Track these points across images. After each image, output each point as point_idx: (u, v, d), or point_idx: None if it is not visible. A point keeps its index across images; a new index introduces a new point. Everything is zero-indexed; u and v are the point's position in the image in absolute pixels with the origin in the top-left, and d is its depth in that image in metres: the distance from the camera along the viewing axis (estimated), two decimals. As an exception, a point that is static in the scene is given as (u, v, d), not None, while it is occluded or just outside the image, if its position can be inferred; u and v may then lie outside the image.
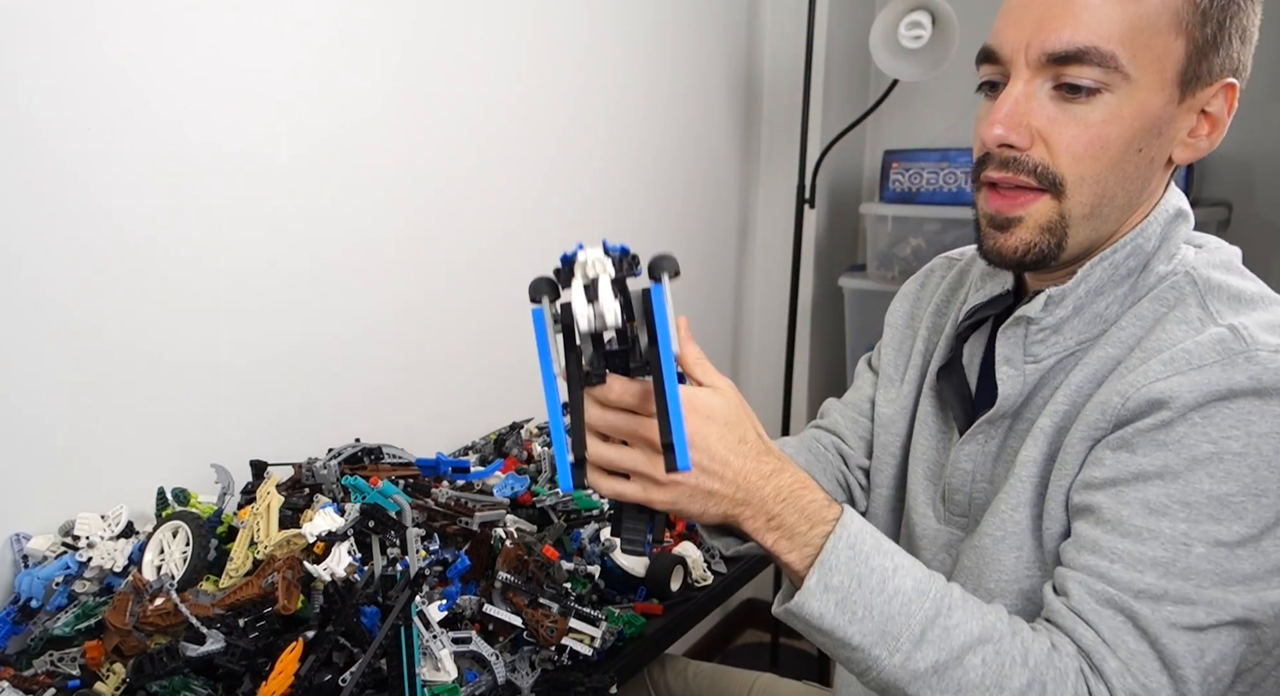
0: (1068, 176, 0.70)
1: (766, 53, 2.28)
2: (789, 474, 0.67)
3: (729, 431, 0.64)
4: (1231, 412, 0.64)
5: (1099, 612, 0.65)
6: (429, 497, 1.11)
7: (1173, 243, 0.75)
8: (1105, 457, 0.69)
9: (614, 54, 1.78)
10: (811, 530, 0.66)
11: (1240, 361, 0.65)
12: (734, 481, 0.64)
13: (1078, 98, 0.68)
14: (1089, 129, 0.68)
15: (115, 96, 1.02)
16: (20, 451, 1.00)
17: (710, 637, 2.43)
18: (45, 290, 1.00)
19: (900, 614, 0.64)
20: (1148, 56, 0.67)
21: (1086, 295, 0.74)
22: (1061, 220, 0.71)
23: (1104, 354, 0.74)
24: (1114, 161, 0.69)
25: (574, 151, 1.72)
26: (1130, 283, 0.75)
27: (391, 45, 1.33)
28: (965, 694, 0.63)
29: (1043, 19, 0.68)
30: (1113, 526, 0.67)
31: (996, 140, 0.70)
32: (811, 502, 0.66)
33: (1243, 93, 0.75)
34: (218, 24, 1.11)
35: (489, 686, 0.89)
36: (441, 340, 1.50)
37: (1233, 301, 0.71)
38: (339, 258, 1.31)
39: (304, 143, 1.24)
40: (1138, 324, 0.73)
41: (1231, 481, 0.64)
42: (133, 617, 0.85)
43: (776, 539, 0.66)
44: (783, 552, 0.66)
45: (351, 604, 0.86)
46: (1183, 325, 0.70)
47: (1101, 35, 0.66)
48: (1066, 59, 0.67)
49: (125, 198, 1.05)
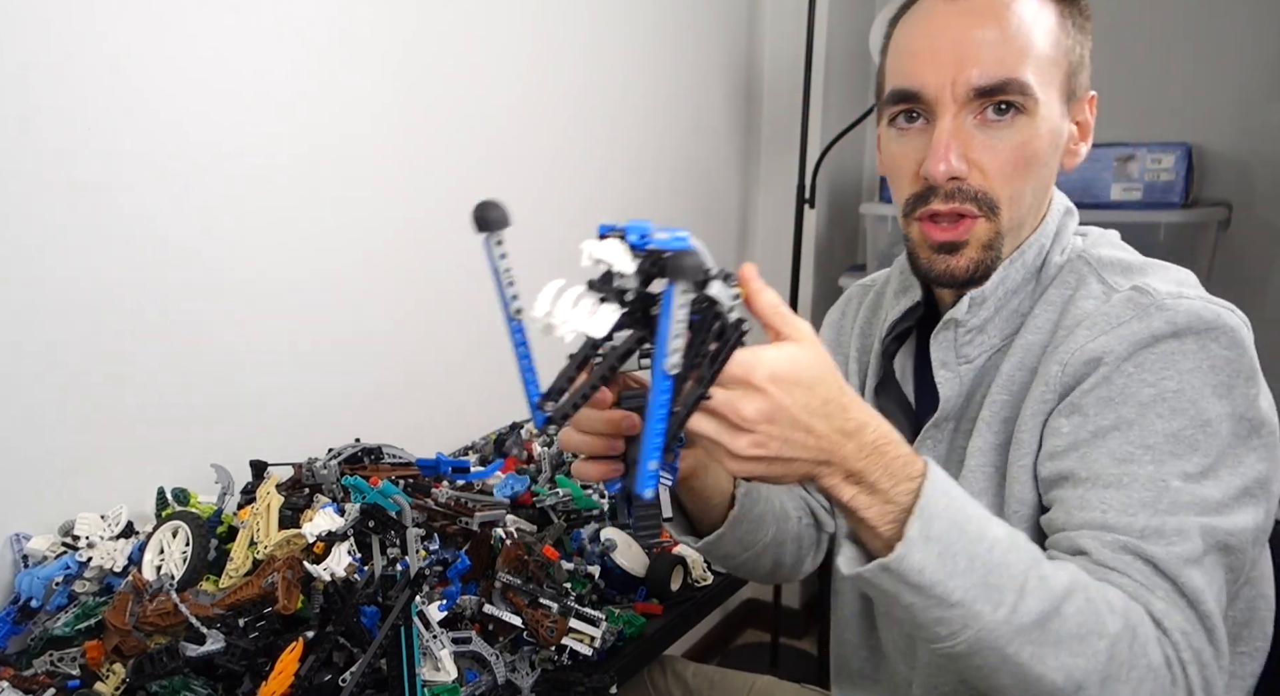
0: (1001, 197, 0.77)
1: (766, 53, 2.28)
2: (872, 428, 0.62)
3: (812, 394, 0.59)
4: (1159, 356, 0.71)
5: (1122, 560, 0.67)
6: (429, 497, 1.11)
7: (1065, 236, 0.84)
8: (1061, 426, 0.74)
9: (614, 54, 1.78)
10: (895, 486, 0.62)
11: (1153, 311, 0.72)
12: (816, 446, 0.60)
13: (1001, 121, 0.75)
14: (1015, 150, 0.76)
15: (115, 96, 1.02)
16: (20, 451, 1.00)
17: (710, 638, 2.42)
18: (45, 291, 1.00)
19: (1001, 563, 0.61)
20: (1047, 79, 0.76)
21: (1005, 295, 0.82)
22: (998, 236, 0.79)
23: (1026, 342, 0.81)
24: (1033, 176, 0.78)
25: (574, 152, 1.72)
26: (1035, 276, 0.83)
27: (392, 46, 1.33)
28: (1064, 645, 0.61)
29: (963, 58, 0.75)
30: (1090, 483, 0.71)
31: (947, 174, 0.76)
32: (896, 458, 0.63)
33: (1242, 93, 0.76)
34: (218, 24, 1.11)
35: (489, 686, 0.89)
36: (442, 340, 1.50)
37: (1124, 270, 0.79)
38: (339, 257, 1.31)
39: (306, 143, 1.24)
40: (1049, 309, 0.81)
41: (1178, 416, 0.70)
42: (133, 617, 0.85)
43: (855, 493, 0.62)
44: (861, 508, 0.62)
45: (351, 604, 0.86)
46: (1090, 299, 0.78)
47: (1017, 67, 0.74)
48: (991, 91, 0.74)
49: (125, 199, 1.05)
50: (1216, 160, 2.00)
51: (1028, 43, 0.75)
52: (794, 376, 0.59)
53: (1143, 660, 0.62)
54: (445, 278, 1.48)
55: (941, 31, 0.76)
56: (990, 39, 0.74)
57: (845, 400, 0.61)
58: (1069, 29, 0.78)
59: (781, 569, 0.98)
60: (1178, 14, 2.00)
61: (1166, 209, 1.77)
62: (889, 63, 0.83)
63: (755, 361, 0.57)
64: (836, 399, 0.61)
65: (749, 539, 0.89)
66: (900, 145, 0.80)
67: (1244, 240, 2.00)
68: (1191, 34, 1.99)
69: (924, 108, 0.77)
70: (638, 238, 0.54)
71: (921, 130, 0.78)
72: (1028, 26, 0.75)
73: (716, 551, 0.87)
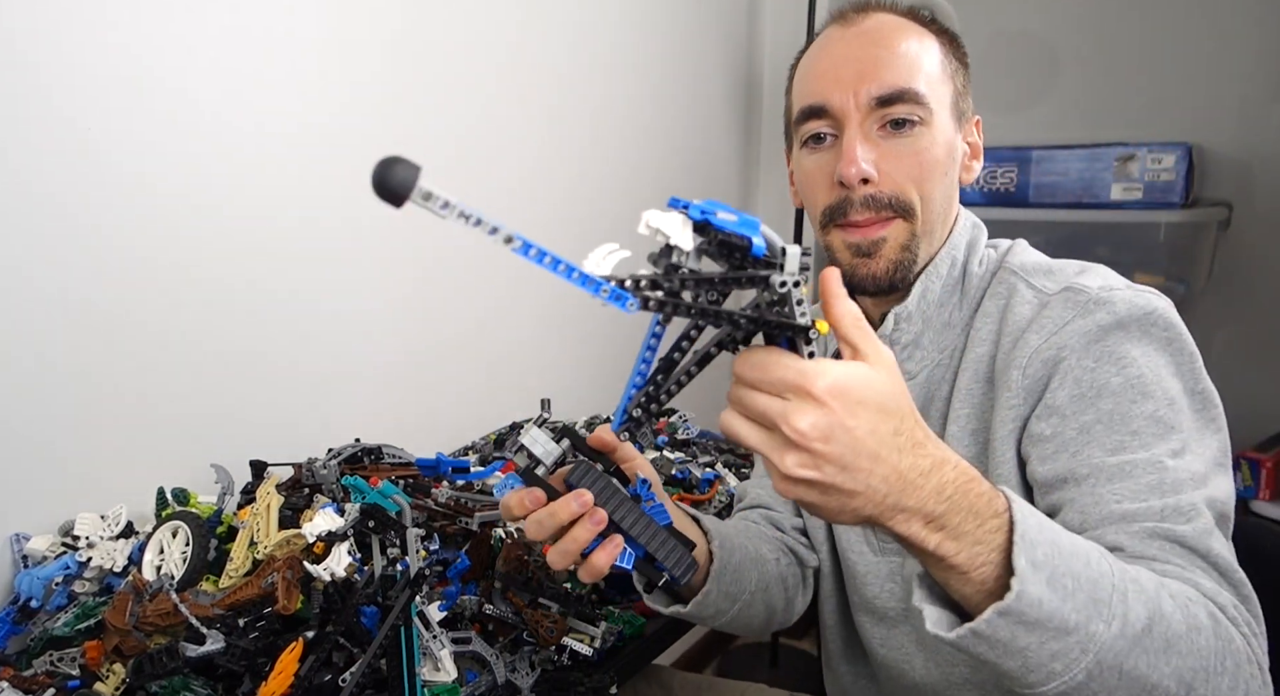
0: (914, 198, 0.83)
1: (766, 53, 2.28)
2: (951, 465, 0.57)
3: (883, 420, 0.53)
4: (1112, 346, 0.75)
5: (1157, 546, 0.67)
6: (429, 497, 1.11)
7: (978, 247, 0.89)
8: (1043, 430, 0.76)
9: (614, 54, 1.78)
10: (981, 526, 0.57)
11: (1092, 307, 0.76)
12: (885, 480, 0.54)
13: (902, 131, 0.82)
14: (918, 155, 0.82)
15: (111, 99, 1.02)
16: (20, 451, 1.00)
17: (709, 638, 2.42)
18: (45, 291, 1.00)
19: (1098, 575, 0.58)
20: (937, 95, 0.83)
21: (930, 308, 0.87)
22: (914, 238, 0.84)
23: (976, 355, 0.84)
24: (938, 182, 0.83)
25: (574, 151, 1.72)
26: (959, 288, 0.87)
27: (391, 46, 1.33)
28: (1174, 646, 0.58)
29: (862, 72, 0.82)
30: (1093, 478, 0.72)
31: (859, 176, 0.81)
32: (979, 497, 0.57)
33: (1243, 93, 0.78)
34: (215, 22, 1.11)
35: (489, 686, 0.88)
36: (442, 340, 1.50)
37: (1046, 273, 0.83)
38: (339, 258, 1.31)
39: (305, 144, 1.24)
40: (988, 321, 0.85)
41: (1150, 400, 0.73)
42: (132, 617, 0.85)
43: (940, 540, 0.56)
44: (949, 555, 0.57)
45: (351, 604, 0.86)
46: (1024, 305, 0.81)
47: (911, 78, 0.82)
48: (890, 100, 0.81)
49: (123, 200, 1.05)
50: (1216, 160, 2.00)
51: (917, 61, 0.82)
52: (861, 395, 0.52)
53: (1230, 645, 0.60)
54: (446, 278, 1.48)
55: (842, 52, 0.84)
56: (884, 57, 0.82)
57: (920, 434, 0.56)
58: (950, 56, 0.86)
59: (775, 614, 0.97)
60: (1178, 14, 2.00)
61: (1166, 209, 1.77)
62: (795, 90, 0.89)
63: (817, 370, 0.51)
64: (910, 432, 0.55)
65: (734, 590, 0.88)
66: (813, 161, 0.86)
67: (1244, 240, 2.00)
68: (1191, 34, 1.99)
69: (831, 123, 0.84)
70: (699, 213, 0.51)
71: (831, 146, 0.84)
72: (915, 49, 0.83)
73: (705, 612, 0.86)
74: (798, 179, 0.91)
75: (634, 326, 1.90)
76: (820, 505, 0.55)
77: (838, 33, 0.86)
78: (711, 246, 0.51)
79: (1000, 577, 0.57)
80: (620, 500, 0.68)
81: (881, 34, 0.84)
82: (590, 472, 0.69)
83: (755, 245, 0.51)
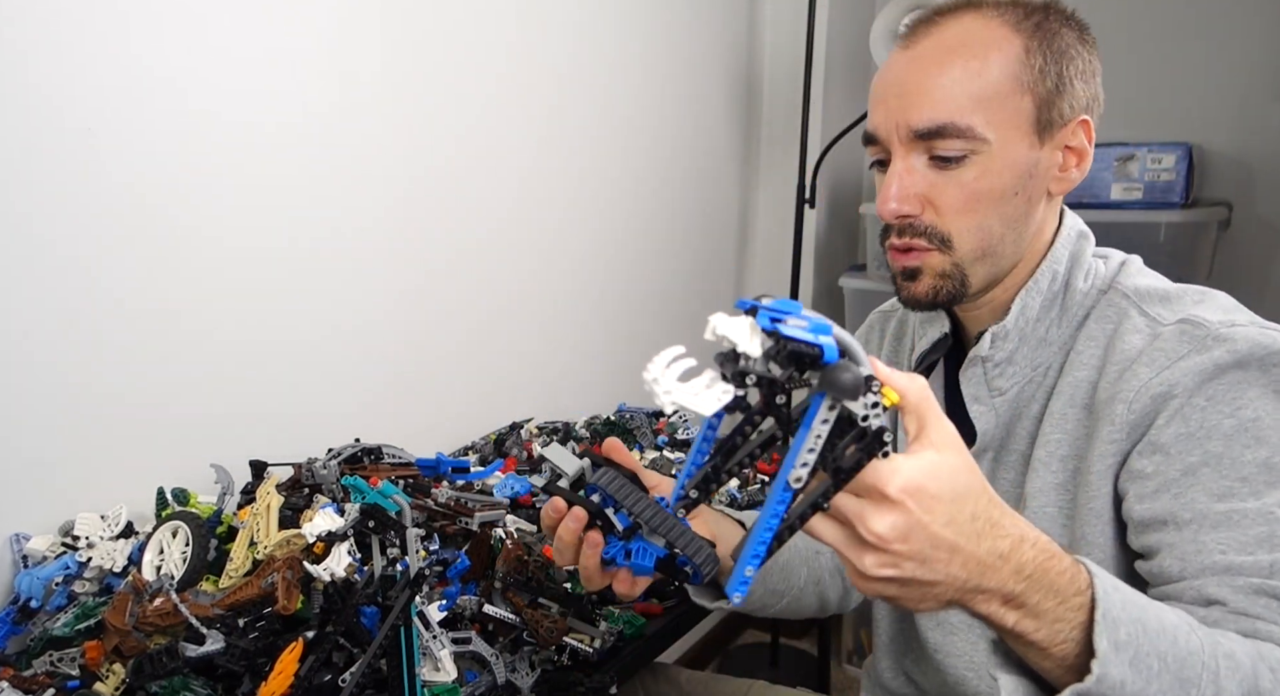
0: (952, 231, 0.79)
1: (766, 53, 2.28)
2: (1030, 542, 0.56)
3: (958, 508, 0.53)
4: (1227, 386, 0.71)
5: (1261, 604, 0.65)
6: (429, 497, 1.11)
7: (1083, 260, 0.83)
8: (1145, 467, 0.73)
9: (614, 53, 1.78)
10: (1062, 604, 0.56)
11: (1210, 342, 0.72)
12: (964, 567, 0.53)
13: (950, 166, 0.77)
14: (964, 188, 0.77)
15: (114, 96, 1.02)
16: (20, 451, 1.00)
17: (710, 638, 2.42)
18: (44, 290, 1.00)
19: (1186, 653, 0.57)
20: (1000, 118, 0.76)
21: (1026, 325, 0.83)
22: (956, 267, 0.81)
23: (1074, 379, 0.80)
24: (993, 210, 0.78)
25: (574, 151, 1.72)
26: (1058, 303, 0.83)
27: (391, 46, 1.33)
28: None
29: (903, 101, 0.77)
30: (1196, 524, 0.69)
31: (892, 214, 0.79)
32: (1061, 574, 0.56)
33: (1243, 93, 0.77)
34: (219, 24, 1.11)
35: (489, 686, 0.88)
36: (442, 340, 1.50)
37: (1163, 300, 0.79)
38: (339, 257, 1.31)
39: (307, 143, 1.24)
40: (1092, 344, 0.80)
41: (1263, 445, 0.69)
42: (132, 618, 0.85)
43: (1019, 618, 0.56)
44: (1028, 632, 0.56)
45: (351, 604, 0.86)
46: (1135, 334, 0.77)
47: (955, 111, 0.75)
48: (930, 135, 0.76)
49: (125, 200, 1.05)
50: (1216, 160, 2.00)
51: (974, 85, 0.75)
52: (935, 490, 0.52)
53: None
54: (446, 277, 1.48)
55: (892, 77, 0.79)
56: (931, 85, 0.76)
57: (995, 513, 0.55)
58: (1035, 61, 0.76)
59: (828, 605, 0.97)
60: (1178, 14, 2.00)
61: (1167, 209, 1.77)
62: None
63: (891, 470, 0.51)
64: (986, 513, 0.54)
65: (781, 587, 0.87)
66: (878, 184, 0.84)
67: (1244, 240, 2.00)
68: (1191, 34, 1.99)
69: (882, 151, 0.81)
70: (768, 321, 0.50)
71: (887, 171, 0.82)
72: (975, 67, 0.75)
73: (750, 606, 0.86)
74: None
75: (635, 327, 1.90)
76: (900, 597, 0.55)
77: (896, 54, 0.80)
78: (781, 355, 0.50)
79: (1082, 653, 0.55)
80: (639, 497, 0.65)
81: (935, 56, 0.77)
82: (609, 473, 0.67)
83: (827, 353, 0.50)
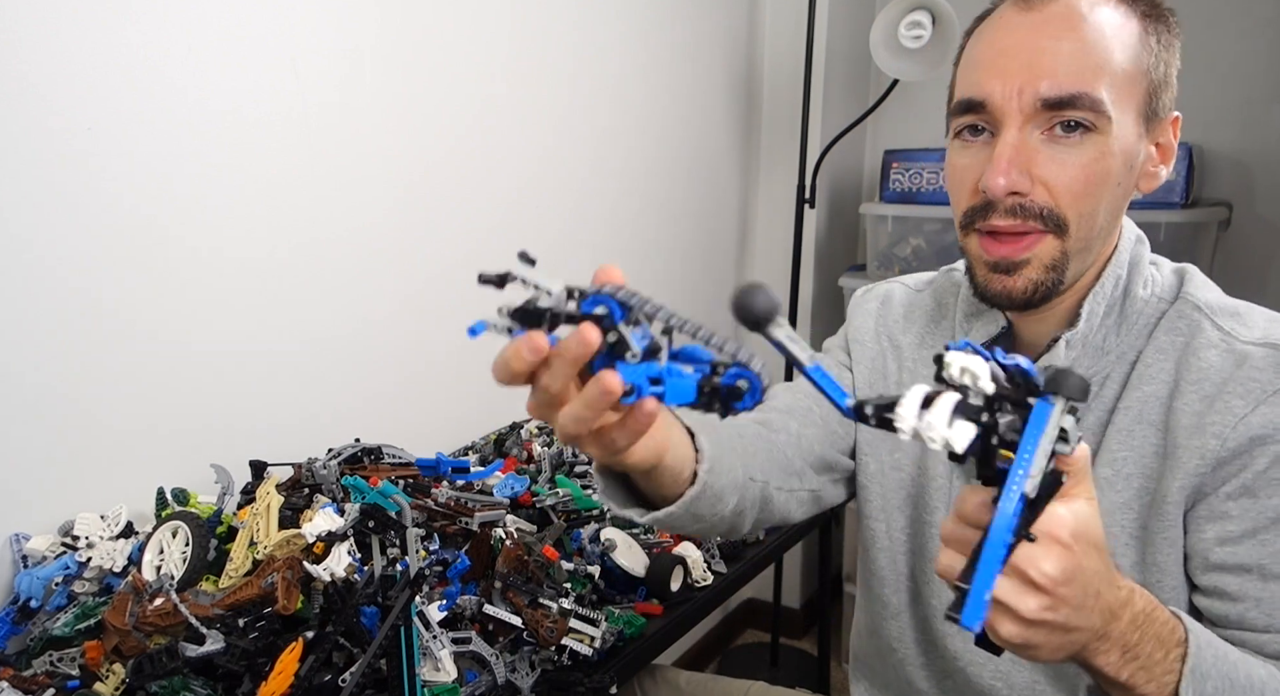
0: (1069, 215, 0.72)
1: (766, 53, 2.28)
2: (1139, 594, 0.58)
3: (1100, 557, 0.54)
4: None
5: None
6: (429, 497, 1.11)
7: (1142, 266, 0.80)
8: (1230, 509, 0.71)
9: (614, 53, 1.78)
10: (1167, 656, 0.58)
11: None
12: (1100, 614, 0.55)
13: (1070, 138, 0.71)
14: (1084, 168, 0.71)
15: (116, 94, 1.02)
16: (20, 451, 1.00)
17: (710, 638, 2.42)
18: (45, 290, 1.00)
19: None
20: (1123, 97, 0.71)
21: (1091, 332, 0.78)
22: (1064, 257, 0.74)
23: (1143, 394, 0.76)
24: (1103, 197, 0.73)
25: (574, 150, 1.72)
26: (1117, 310, 0.78)
27: (390, 47, 1.33)
28: None
29: (1033, 69, 0.70)
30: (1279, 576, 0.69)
31: (1005, 189, 0.71)
32: (1164, 625, 0.58)
33: (1243, 93, 0.76)
34: (221, 26, 1.11)
35: (489, 686, 0.89)
36: (442, 340, 1.50)
37: (1234, 316, 0.76)
38: (339, 257, 1.31)
39: (307, 143, 1.24)
40: (1163, 358, 0.76)
41: None
42: (132, 618, 0.85)
43: (1133, 672, 0.58)
44: (1139, 685, 0.58)
45: (351, 604, 0.86)
46: (1211, 350, 0.74)
47: (1088, 81, 0.70)
48: (1060, 104, 0.70)
49: (124, 199, 1.05)
50: (1216, 160, 2.00)
51: (1105, 57, 0.70)
52: (1090, 536, 0.53)
53: None
54: (446, 277, 1.48)
55: (1014, 40, 0.72)
56: (1064, 50, 0.70)
57: (1113, 563, 0.57)
58: (1152, 45, 0.73)
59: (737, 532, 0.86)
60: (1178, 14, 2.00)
61: (1166, 209, 1.77)
62: (959, 73, 0.78)
63: (1063, 513, 0.52)
64: (1109, 565, 0.55)
65: (706, 512, 0.76)
66: (963, 157, 0.76)
67: (1244, 240, 2.00)
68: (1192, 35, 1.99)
69: (989, 119, 0.73)
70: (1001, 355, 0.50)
71: (986, 143, 0.74)
72: (1106, 39, 0.70)
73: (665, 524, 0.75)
74: (945, 171, 0.81)
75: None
76: (1041, 645, 0.54)
77: (1015, 17, 0.73)
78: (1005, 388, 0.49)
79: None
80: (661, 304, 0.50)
81: (1068, 22, 0.71)
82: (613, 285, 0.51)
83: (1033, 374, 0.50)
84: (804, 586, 2.52)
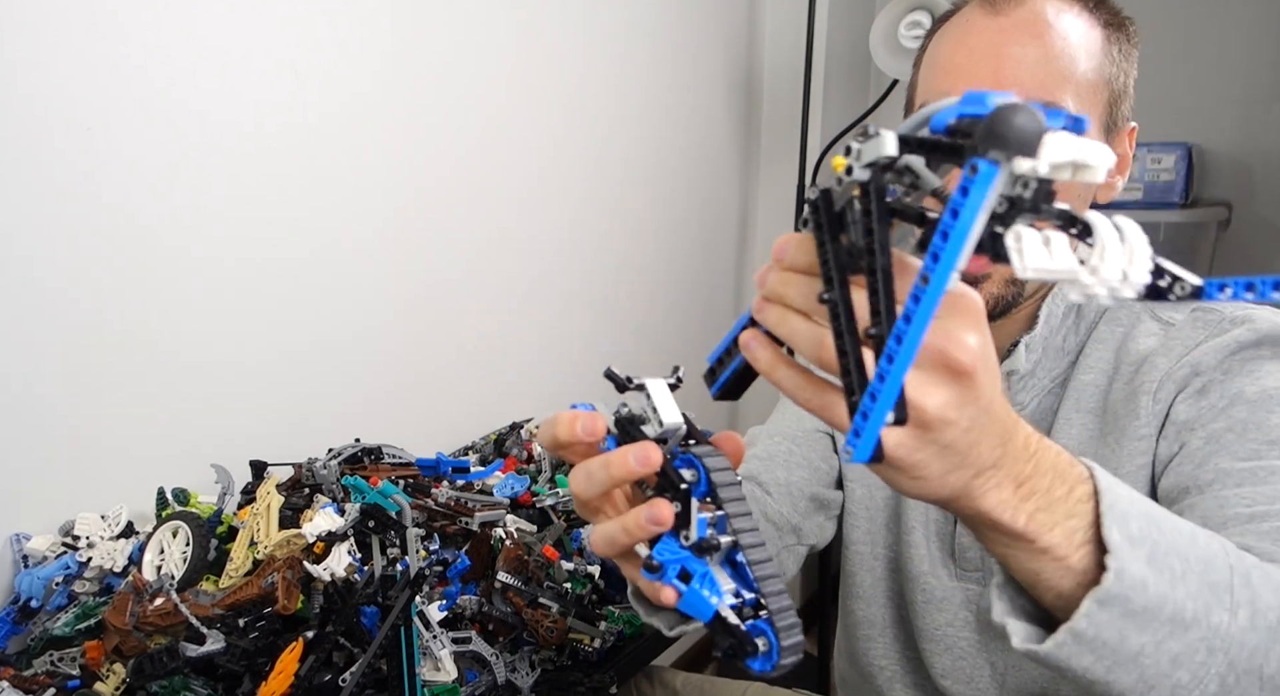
0: None
1: (766, 53, 2.28)
2: (1024, 422, 0.47)
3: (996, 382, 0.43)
4: (1248, 360, 0.70)
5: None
6: (429, 497, 1.11)
7: None
8: (1170, 450, 0.71)
9: (614, 53, 1.78)
10: (1071, 493, 0.46)
11: (1227, 324, 0.71)
12: (995, 433, 0.43)
13: None
14: None
15: (115, 94, 1.02)
16: (20, 451, 1.00)
17: (709, 638, 2.42)
18: (45, 290, 1.00)
19: (1208, 554, 0.48)
20: (1086, 106, 0.71)
21: (1050, 334, 0.80)
22: None
23: (1081, 382, 0.78)
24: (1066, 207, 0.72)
25: (574, 151, 1.72)
26: (1075, 310, 0.80)
27: (390, 48, 1.33)
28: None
29: (999, 76, 0.68)
30: (1220, 483, 0.66)
31: None
32: (1059, 455, 0.47)
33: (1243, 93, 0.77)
34: (221, 26, 1.11)
35: (489, 686, 0.89)
36: (442, 340, 1.50)
37: (1174, 307, 0.77)
38: (339, 257, 1.31)
39: (307, 140, 1.24)
40: (1103, 348, 0.78)
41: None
42: (133, 617, 0.85)
43: (1031, 514, 0.45)
44: (1042, 531, 0.46)
45: (351, 604, 0.86)
46: (1148, 337, 0.76)
47: (1053, 90, 0.68)
48: None
49: (124, 199, 1.05)
50: (1216, 160, 2.00)
51: (1070, 66, 0.69)
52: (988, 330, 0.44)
53: None
54: (446, 278, 1.48)
55: (980, 46, 0.71)
56: (1031, 58, 0.68)
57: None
58: (1114, 55, 0.72)
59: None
60: (1178, 14, 2.00)
61: (1166, 209, 1.77)
62: (922, 76, 0.77)
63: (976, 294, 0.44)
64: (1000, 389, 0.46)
65: None
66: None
67: (1244, 240, 2.00)
68: (1192, 34, 1.99)
69: None
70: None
71: None
72: (1072, 48, 0.69)
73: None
74: None
75: (635, 327, 1.90)
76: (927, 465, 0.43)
77: (981, 20, 0.71)
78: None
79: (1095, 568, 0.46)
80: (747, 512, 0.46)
81: (1034, 28, 0.69)
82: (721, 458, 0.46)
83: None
84: (804, 586, 2.52)
